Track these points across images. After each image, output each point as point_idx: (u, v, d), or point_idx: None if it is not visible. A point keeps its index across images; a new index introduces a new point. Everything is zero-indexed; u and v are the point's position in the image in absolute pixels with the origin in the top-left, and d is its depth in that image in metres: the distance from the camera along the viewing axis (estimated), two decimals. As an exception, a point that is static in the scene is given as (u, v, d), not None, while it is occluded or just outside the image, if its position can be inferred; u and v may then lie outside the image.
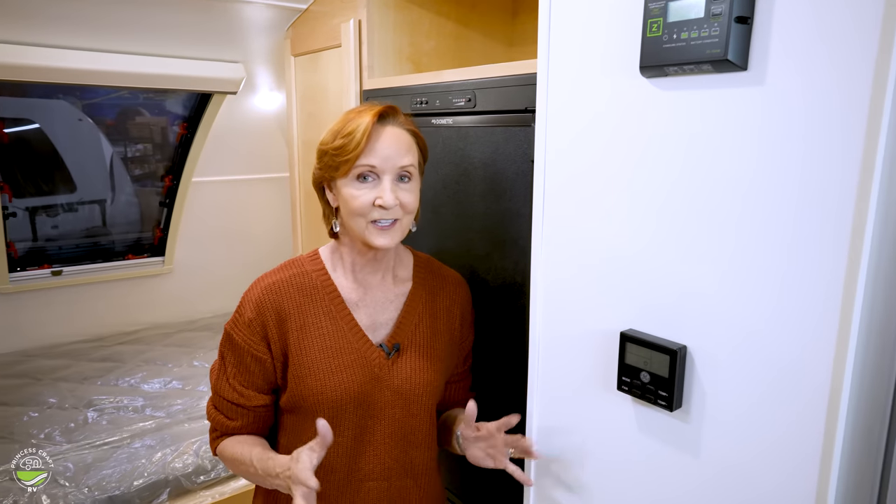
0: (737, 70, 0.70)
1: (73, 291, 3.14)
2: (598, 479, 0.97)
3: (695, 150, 0.76)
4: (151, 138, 3.22)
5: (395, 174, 0.97)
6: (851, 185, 0.63)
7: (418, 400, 1.05)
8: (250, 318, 1.00)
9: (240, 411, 1.04)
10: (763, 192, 0.70)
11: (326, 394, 0.99)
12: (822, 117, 0.64)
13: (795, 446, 0.71)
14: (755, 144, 0.70)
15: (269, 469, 0.96)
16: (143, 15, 2.04)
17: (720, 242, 0.75)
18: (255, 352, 1.01)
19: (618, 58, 0.83)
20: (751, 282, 0.73)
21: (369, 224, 0.97)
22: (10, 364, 2.84)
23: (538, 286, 1.02)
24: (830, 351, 0.67)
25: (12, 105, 2.76)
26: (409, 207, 0.99)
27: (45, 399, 2.49)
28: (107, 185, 3.22)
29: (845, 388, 0.66)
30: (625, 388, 0.87)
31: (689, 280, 0.79)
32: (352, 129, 0.96)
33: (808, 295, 0.68)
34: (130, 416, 2.38)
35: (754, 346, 0.73)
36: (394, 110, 1.01)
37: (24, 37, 2.05)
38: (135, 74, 2.22)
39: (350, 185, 0.97)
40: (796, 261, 0.68)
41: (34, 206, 3.05)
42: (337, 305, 1.03)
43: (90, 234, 3.26)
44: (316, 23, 1.82)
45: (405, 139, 1.00)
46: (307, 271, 1.05)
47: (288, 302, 1.01)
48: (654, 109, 0.80)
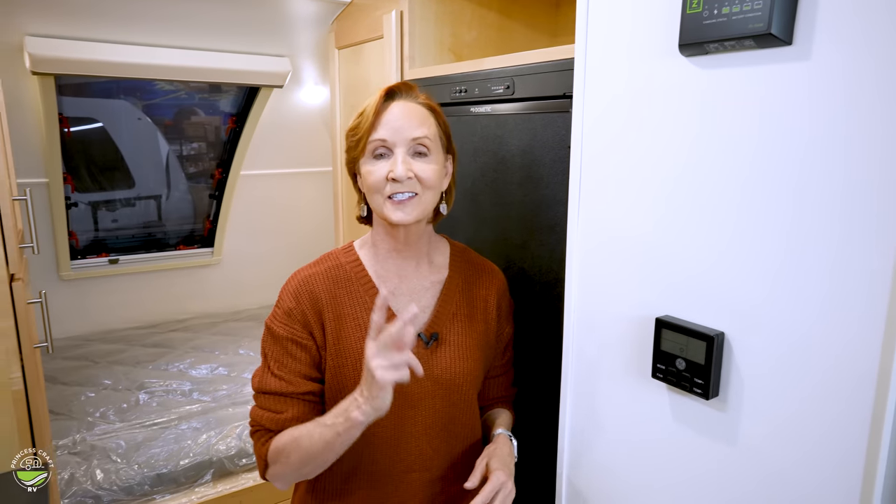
0: (781, 45, 0.68)
1: (129, 280, 3.28)
2: (631, 468, 0.95)
3: (737, 130, 0.74)
4: (205, 137, 3.33)
5: (407, 147, 0.96)
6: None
7: (458, 390, 1.03)
8: (289, 308, 1.00)
9: (288, 401, 0.98)
10: (808, 174, 0.67)
11: None
12: (870, 94, 0.61)
13: (839, 440, 0.68)
14: (801, 123, 0.68)
15: (339, 407, 0.89)
16: (194, 11, 2.11)
17: (762, 227, 0.73)
18: (297, 338, 0.99)
19: (657, 37, 0.81)
20: (795, 268, 0.70)
21: (386, 200, 0.96)
22: (70, 347, 2.99)
23: (573, 272, 1.00)
24: (877, 342, 0.64)
25: (78, 105, 2.90)
26: (427, 182, 0.96)
27: (101, 381, 2.61)
28: (163, 182, 3.35)
29: (893, 381, 0.63)
30: (660, 376, 0.85)
31: (729, 265, 0.77)
32: (364, 107, 0.97)
33: (855, 283, 0.65)
34: (178, 400, 2.47)
35: (796, 334, 0.71)
36: (407, 86, 1.01)
37: (85, 33, 2.16)
38: (186, 68, 2.30)
39: (367, 163, 0.97)
40: (843, 247, 0.65)
41: (96, 200, 3.20)
42: (372, 296, 1.01)
43: (146, 227, 3.40)
44: (360, 15, 1.84)
45: (418, 112, 0.98)
46: (341, 263, 1.04)
47: (323, 293, 1.00)
48: (694, 89, 0.78)
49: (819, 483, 0.70)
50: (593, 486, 1.02)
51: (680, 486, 0.87)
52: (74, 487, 1.87)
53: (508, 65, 1.24)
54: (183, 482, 2.04)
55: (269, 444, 0.98)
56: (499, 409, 1.17)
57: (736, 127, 0.74)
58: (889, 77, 0.60)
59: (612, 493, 0.99)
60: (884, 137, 0.61)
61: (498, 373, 1.16)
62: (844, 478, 0.68)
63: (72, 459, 2.00)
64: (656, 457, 0.90)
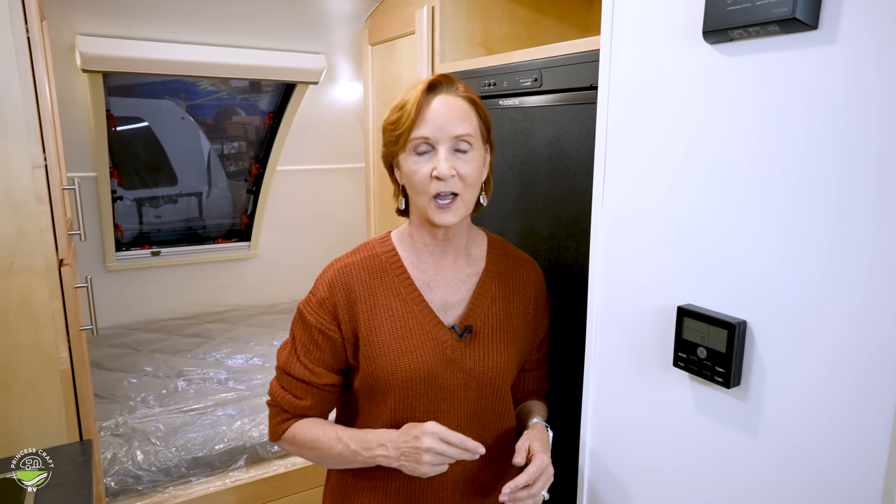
0: (806, 30, 0.67)
1: (170, 272, 3.40)
2: (653, 459, 0.95)
3: (763, 117, 0.73)
4: (245, 136, 3.42)
5: (450, 144, 0.94)
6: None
7: (492, 383, 1.02)
8: (322, 298, 1.01)
9: (309, 390, 1.03)
10: (835, 162, 0.67)
11: (397, 374, 0.98)
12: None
13: (859, 429, 0.67)
14: (826, 110, 0.67)
15: (367, 441, 0.96)
16: (234, 10, 2.18)
17: (785, 215, 0.72)
18: (326, 330, 1.01)
19: (681, 26, 0.81)
20: (815, 256, 0.69)
21: (431, 200, 0.95)
22: (114, 336, 3.12)
23: (597, 262, 1.01)
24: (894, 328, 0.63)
25: (126, 105, 3.03)
26: (469, 179, 0.96)
27: (143, 368, 2.71)
28: (204, 180, 3.46)
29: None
30: (681, 365, 0.85)
31: (752, 254, 0.76)
32: (404, 102, 0.95)
33: (884, 271, 0.64)
34: (215, 387, 2.54)
35: (816, 322, 0.70)
36: (448, 79, 0.99)
37: (132, 32, 2.25)
38: (226, 65, 2.38)
39: (409, 160, 0.96)
40: (873, 233, 0.64)
41: (141, 197, 3.33)
42: (407, 287, 1.02)
43: (187, 222, 3.52)
44: (393, 11, 1.87)
45: (460, 107, 0.96)
46: (377, 254, 1.04)
47: (358, 284, 1.01)
48: (718, 77, 0.78)
49: (846, 474, 0.69)
50: (615, 474, 1.02)
51: (702, 476, 0.87)
52: (117, 466, 1.96)
53: (536, 57, 1.25)
54: (217, 466, 2.10)
55: (284, 426, 1.04)
56: (534, 401, 1.17)
57: (762, 114, 0.74)
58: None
59: (633, 481, 0.99)
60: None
61: (533, 366, 1.16)
62: (873, 469, 0.67)
63: (114, 440, 2.08)
64: (678, 446, 0.90)
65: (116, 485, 1.92)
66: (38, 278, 1.30)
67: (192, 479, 2.06)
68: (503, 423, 1.07)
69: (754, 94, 0.74)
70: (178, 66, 2.32)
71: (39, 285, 1.30)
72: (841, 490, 0.70)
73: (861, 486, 0.68)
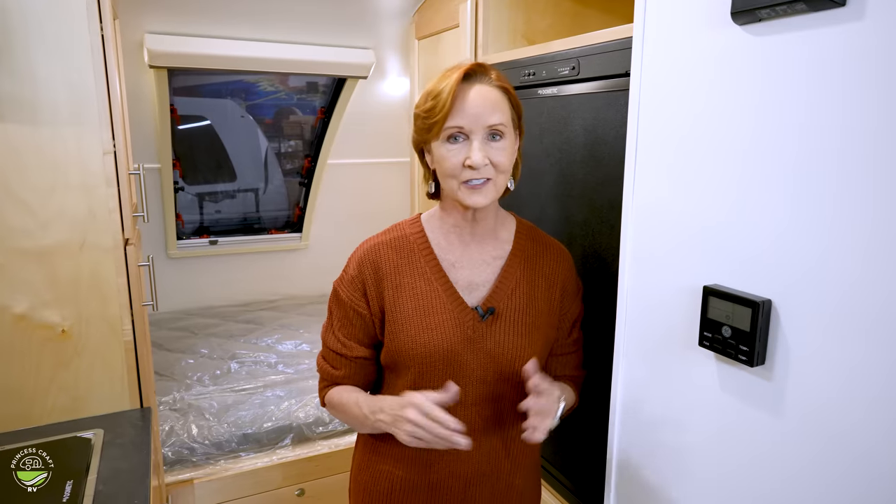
0: (833, 7, 0.68)
1: (226, 260, 3.56)
2: (679, 436, 0.96)
3: (792, 97, 0.74)
4: (301, 135, 3.55)
5: (484, 133, 0.96)
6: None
7: (510, 365, 1.04)
8: (352, 276, 1.07)
9: (343, 361, 1.10)
10: (865, 140, 0.67)
11: (417, 349, 1.02)
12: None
13: (889, 409, 0.67)
14: (854, 88, 0.67)
15: (374, 405, 1.02)
16: (289, 7, 2.28)
17: (813, 194, 0.72)
18: (356, 306, 1.07)
19: (711, 8, 0.82)
20: (841, 234, 0.69)
21: (461, 185, 0.97)
22: (174, 320, 3.30)
23: (627, 245, 1.02)
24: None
25: (190, 104, 3.20)
26: (502, 167, 0.98)
27: (199, 350, 2.86)
28: (261, 176, 3.61)
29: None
30: (706, 344, 0.86)
31: (777, 233, 0.77)
32: (439, 90, 0.96)
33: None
34: (265, 370, 2.66)
35: (841, 300, 0.70)
36: (483, 67, 1.00)
37: (195, 30, 2.39)
38: (280, 60, 2.49)
39: (442, 147, 0.98)
40: (885, 214, 0.64)
41: (202, 192, 3.50)
42: (432, 266, 1.06)
43: (244, 217, 3.68)
44: (439, 5, 1.92)
45: (493, 96, 0.97)
46: (406, 234, 1.09)
47: (386, 262, 1.06)
48: (746, 57, 0.78)
49: (867, 449, 0.69)
50: (643, 450, 1.04)
51: (728, 456, 0.87)
52: (173, 438, 2.08)
53: (574, 46, 1.27)
54: (265, 443, 2.21)
55: (324, 392, 1.15)
56: (563, 384, 1.16)
57: (791, 94, 0.74)
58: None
59: (660, 460, 1.00)
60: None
61: (564, 351, 1.16)
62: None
63: (172, 415, 2.22)
64: (703, 424, 0.91)
65: (173, 455, 2.05)
66: (106, 256, 1.41)
67: (242, 454, 2.17)
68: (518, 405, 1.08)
69: (782, 74, 0.74)
70: (236, 62, 2.44)
71: (107, 262, 1.41)
72: (876, 474, 0.70)
73: (884, 447, 0.68)
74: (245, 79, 3.10)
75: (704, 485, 0.92)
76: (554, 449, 1.45)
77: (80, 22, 1.30)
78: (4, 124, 1.26)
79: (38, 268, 1.34)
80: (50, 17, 1.27)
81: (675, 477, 0.97)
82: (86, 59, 1.32)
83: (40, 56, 1.27)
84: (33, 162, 1.30)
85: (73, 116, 1.32)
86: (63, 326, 1.38)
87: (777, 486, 0.80)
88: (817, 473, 0.75)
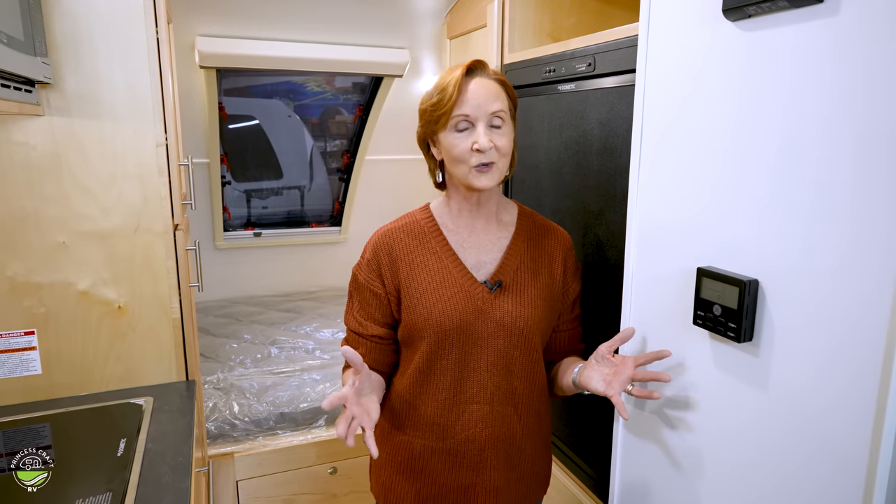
0: (813, 3, 0.72)
1: (269, 252, 3.73)
2: (677, 409, 1.01)
3: (776, 88, 0.79)
4: (347, 134, 3.68)
5: (487, 120, 1.06)
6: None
7: (519, 332, 1.12)
8: (368, 259, 1.18)
9: (360, 340, 1.19)
10: (843, 128, 0.71)
11: (433, 320, 1.10)
12: (886, 41, 0.65)
13: (858, 386, 0.71)
14: (832, 77, 0.72)
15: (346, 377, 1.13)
16: (329, 9, 2.40)
17: (797, 180, 0.77)
18: (372, 287, 1.16)
19: (707, 5, 0.87)
20: (823, 218, 0.74)
21: (471, 168, 1.07)
22: (220, 307, 3.48)
23: (633, 230, 1.08)
24: (891, 290, 0.67)
25: (240, 104, 3.37)
26: (504, 150, 1.07)
27: (242, 335, 3.02)
28: (306, 174, 3.76)
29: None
30: (699, 322, 0.91)
31: (765, 217, 0.82)
32: (445, 85, 1.07)
33: (875, 235, 0.68)
34: (302, 355, 2.80)
35: (819, 281, 0.74)
36: (481, 64, 1.10)
37: (242, 32, 2.54)
38: (319, 60, 2.62)
39: (449, 136, 1.08)
40: (866, 198, 0.69)
41: (250, 188, 3.68)
42: (442, 247, 1.15)
43: (289, 212, 3.85)
44: (469, 6, 2.00)
45: (493, 87, 1.07)
46: (417, 220, 1.19)
47: (398, 245, 1.16)
48: (737, 51, 0.83)
49: (845, 428, 0.73)
50: (645, 421, 1.09)
51: (720, 428, 0.92)
52: (216, 414, 2.23)
53: (591, 43, 1.33)
54: (301, 422, 2.33)
55: (344, 371, 1.23)
56: (572, 359, 1.22)
57: (775, 86, 0.79)
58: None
59: (661, 427, 1.05)
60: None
61: (567, 327, 1.24)
62: (863, 417, 0.71)
63: (215, 393, 2.37)
64: (698, 398, 0.96)
65: (216, 429, 2.19)
66: (157, 239, 1.54)
67: (279, 432, 2.30)
68: (530, 370, 1.16)
69: (770, 67, 0.79)
70: (279, 62, 2.58)
71: (158, 245, 1.55)
72: (840, 462, 0.74)
73: (853, 433, 0.72)
74: (293, 79, 3.24)
75: (699, 452, 0.97)
76: (569, 431, 1.51)
77: (138, 27, 1.44)
78: (72, 119, 1.41)
79: (98, 249, 1.48)
80: (112, 24, 1.41)
81: (674, 443, 1.03)
82: (142, 60, 1.46)
83: (103, 58, 1.41)
84: (96, 153, 1.44)
85: (130, 112, 1.45)
86: (119, 303, 1.53)
87: (756, 456, 0.85)
88: (791, 451, 0.79)
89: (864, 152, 0.69)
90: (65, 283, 1.46)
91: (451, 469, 1.15)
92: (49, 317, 1.46)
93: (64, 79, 1.39)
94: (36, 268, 1.44)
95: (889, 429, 0.68)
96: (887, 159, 0.66)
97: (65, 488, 1.11)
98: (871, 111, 0.67)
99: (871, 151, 0.68)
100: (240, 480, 2.17)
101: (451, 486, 1.15)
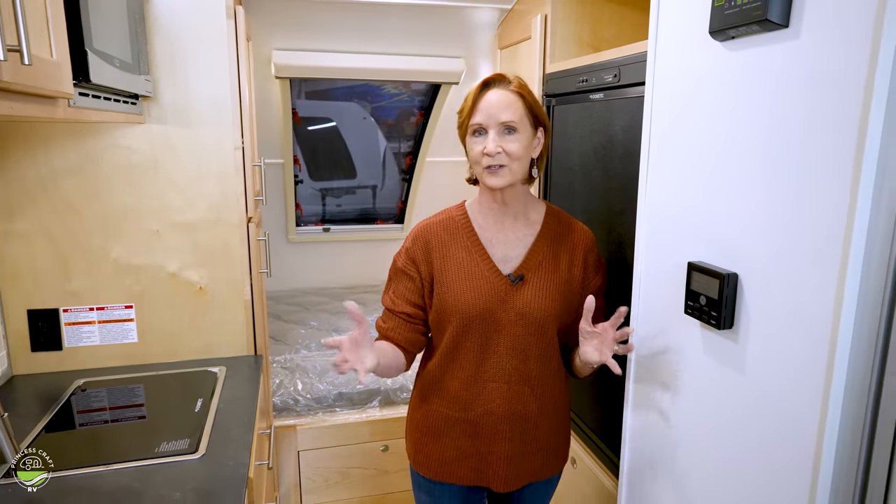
0: (780, 28, 0.82)
1: (336, 246, 3.99)
2: (676, 390, 1.11)
3: (755, 103, 0.88)
4: (414, 135, 3.88)
5: (498, 128, 1.18)
6: (851, 138, 0.71)
7: (536, 321, 1.24)
8: (407, 248, 1.32)
9: (390, 315, 1.34)
10: (811, 140, 0.79)
11: (459, 306, 1.24)
12: (839, 67, 0.74)
13: (811, 369, 0.79)
14: (807, 95, 0.80)
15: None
16: (392, 22, 2.59)
17: (772, 184, 0.86)
18: (408, 271, 1.30)
19: (700, 27, 0.97)
20: (786, 217, 0.83)
21: (483, 169, 1.21)
22: (290, 296, 3.78)
23: (642, 229, 1.19)
24: (833, 286, 0.75)
25: (319, 107, 3.63)
26: (514, 155, 1.18)
27: (309, 322, 3.27)
28: (379, 174, 3.99)
29: (844, 321, 0.74)
30: (689, 311, 1.01)
31: (746, 217, 0.91)
32: (467, 97, 1.23)
33: (826, 235, 0.76)
34: (362, 342, 3.01)
35: (789, 278, 0.83)
36: (501, 76, 1.22)
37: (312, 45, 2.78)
38: (383, 69, 2.83)
39: (469, 140, 1.23)
40: (815, 202, 0.77)
41: (325, 187, 3.94)
42: (473, 242, 1.28)
43: (361, 210, 4.08)
44: (518, 19, 2.13)
45: (507, 98, 1.18)
46: (453, 216, 1.32)
47: (434, 238, 1.30)
48: (724, 69, 0.93)
49: (802, 411, 0.80)
50: (650, 407, 1.20)
51: (707, 410, 1.02)
52: (282, 390, 2.47)
53: (617, 56, 1.43)
54: (357, 402, 2.54)
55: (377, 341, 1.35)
56: None
57: (754, 100, 0.88)
58: (849, 45, 0.72)
59: (665, 405, 1.16)
60: (851, 89, 0.73)
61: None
62: (815, 398, 0.79)
63: (283, 372, 2.62)
64: (690, 380, 1.06)
65: (281, 403, 2.44)
66: (233, 230, 1.77)
67: (337, 410, 2.51)
68: (545, 356, 1.28)
69: (749, 83, 0.89)
70: (345, 72, 2.82)
71: (234, 235, 1.78)
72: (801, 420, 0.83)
73: (808, 411, 0.81)
74: (371, 82, 3.44)
75: (692, 431, 1.07)
76: (593, 415, 1.62)
77: (221, 47, 1.67)
78: (167, 126, 1.66)
79: (185, 237, 1.73)
80: (200, 45, 1.65)
81: (676, 416, 1.13)
82: (224, 75, 1.69)
83: (193, 74, 1.65)
84: (185, 155, 1.69)
85: (213, 120, 1.69)
86: (201, 284, 1.77)
87: (731, 433, 0.94)
88: (751, 424, 0.88)
89: (828, 161, 0.78)
90: (158, 265, 1.72)
91: (470, 437, 1.29)
92: (144, 294, 1.72)
93: (161, 92, 1.64)
94: (135, 252, 1.70)
95: (834, 406, 0.77)
96: (844, 166, 0.74)
97: (154, 434, 1.35)
98: (836, 123, 0.76)
99: (837, 160, 0.76)
100: (301, 451, 2.40)
101: (470, 451, 1.30)
